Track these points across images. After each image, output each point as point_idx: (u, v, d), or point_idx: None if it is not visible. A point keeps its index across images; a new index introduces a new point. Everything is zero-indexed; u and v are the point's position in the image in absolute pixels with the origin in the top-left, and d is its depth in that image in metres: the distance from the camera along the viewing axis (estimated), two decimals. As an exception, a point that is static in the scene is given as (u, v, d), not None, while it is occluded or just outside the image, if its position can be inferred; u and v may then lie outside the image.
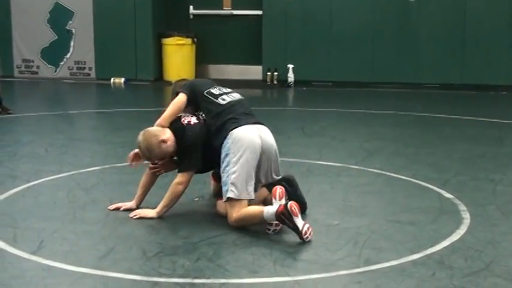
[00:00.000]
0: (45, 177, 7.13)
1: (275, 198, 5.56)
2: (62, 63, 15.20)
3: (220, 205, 5.82)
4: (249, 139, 5.67)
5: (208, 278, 4.68)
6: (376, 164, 7.77)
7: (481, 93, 13.59)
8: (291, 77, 14.49)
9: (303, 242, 5.28)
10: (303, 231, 5.28)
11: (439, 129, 10.12)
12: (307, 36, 14.70)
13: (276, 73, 14.70)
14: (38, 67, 15.25)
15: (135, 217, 5.82)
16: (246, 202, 5.58)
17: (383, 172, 7.44)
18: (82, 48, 15.05)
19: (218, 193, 6.03)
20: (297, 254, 5.15)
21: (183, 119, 5.89)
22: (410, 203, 6.40)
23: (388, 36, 14.51)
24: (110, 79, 14.79)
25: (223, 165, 5.67)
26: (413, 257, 5.04)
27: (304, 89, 14.27)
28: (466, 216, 5.97)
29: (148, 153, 5.82)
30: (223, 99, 5.93)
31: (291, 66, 14.47)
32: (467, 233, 5.57)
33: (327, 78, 14.63)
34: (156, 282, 4.58)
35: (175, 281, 4.60)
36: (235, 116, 5.82)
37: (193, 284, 4.57)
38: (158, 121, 5.90)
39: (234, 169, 5.58)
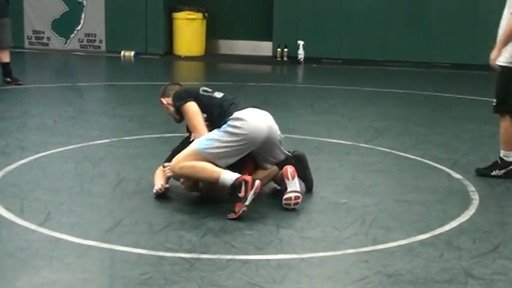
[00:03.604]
0: (54, 149, 7.13)
1: (287, 178, 5.56)
2: (72, 35, 15.16)
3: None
4: (253, 124, 5.55)
5: (215, 253, 4.67)
6: (385, 143, 7.73)
7: (492, 73, 13.39)
8: (301, 53, 14.42)
9: (308, 219, 5.26)
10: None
11: (449, 109, 10.07)
12: (318, 13, 14.62)
13: (286, 49, 14.64)
14: (48, 39, 15.22)
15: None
16: (201, 158, 5.49)
17: (392, 151, 7.41)
18: (93, 21, 15.01)
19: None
20: (303, 231, 5.14)
21: None
22: (419, 182, 6.37)
23: (400, 14, 14.42)
24: (120, 52, 14.75)
25: (220, 129, 5.57)
26: (421, 237, 5.03)
27: (314, 66, 14.21)
28: (475, 197, 5.94)
29: None
30: (219, 94, 5.87)
31: (301, 42, 14.40)
32: (475, 214, 5.55)
33: (337, 55, 14.56)
34: (162, 257, 4.58)
35: (182, 256, 4.60)
36: (235, 102, 5.74)
37: (199, 259, 4.56)
38: (196, 135, 5.69)
39: (224, 138, 5.49)
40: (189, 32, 14.83)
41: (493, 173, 6.51)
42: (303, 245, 4.89)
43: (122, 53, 14.74)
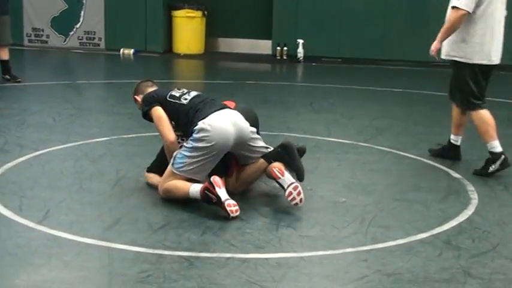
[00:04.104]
0: (53, 146, 7.13)
1: (278, 178, 5.53)
2: (71, 32, 15.16)
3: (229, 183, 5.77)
4: (219, 131, 5.50)
5: (214, 252, 4.67)
6: (385, 142, 7.73)
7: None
8: (300, 52, 14.41)
9: (307, 218, 5.25)
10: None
11: (448, 108, 10.03)
12: (318, 12, 14.61)
13: (285, 48, 14.62)
14: (47, 36, 15.21)
15: None
16: (180, 177, 5.54)
17: (391, 150, 7.41)
18: (92, 18, 15.00)
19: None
20: (302, 230, 5.14)
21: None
22: (418, 181, 6.37)
23: (399, 13, 14.40)
24: (119, 50, 14.75)
25: (187, 144, 5.56)
26: (420, 236, 5.03)
27: (314, 64, 14.20)
28: (474, 197, 5.95)
29: None
30: (185, 99, 5.81)
31: (300, 41, 14.39)
32: (475, 213, 5.55)
33: (337, 54, 14.55)
34: (161, 255, 4.58)
35: (180, 254, 4.60)
36: (200, 108, 5.69)
37: (198, 258, 4.56)
38: (166, 143, 5.74)
39: (194, 154, 5.49)
40: (188, 30, 14.81)
41: (490, 169, 6.51)
42: (302, 243, 4.89)
43: (121, 50, 14.74)
